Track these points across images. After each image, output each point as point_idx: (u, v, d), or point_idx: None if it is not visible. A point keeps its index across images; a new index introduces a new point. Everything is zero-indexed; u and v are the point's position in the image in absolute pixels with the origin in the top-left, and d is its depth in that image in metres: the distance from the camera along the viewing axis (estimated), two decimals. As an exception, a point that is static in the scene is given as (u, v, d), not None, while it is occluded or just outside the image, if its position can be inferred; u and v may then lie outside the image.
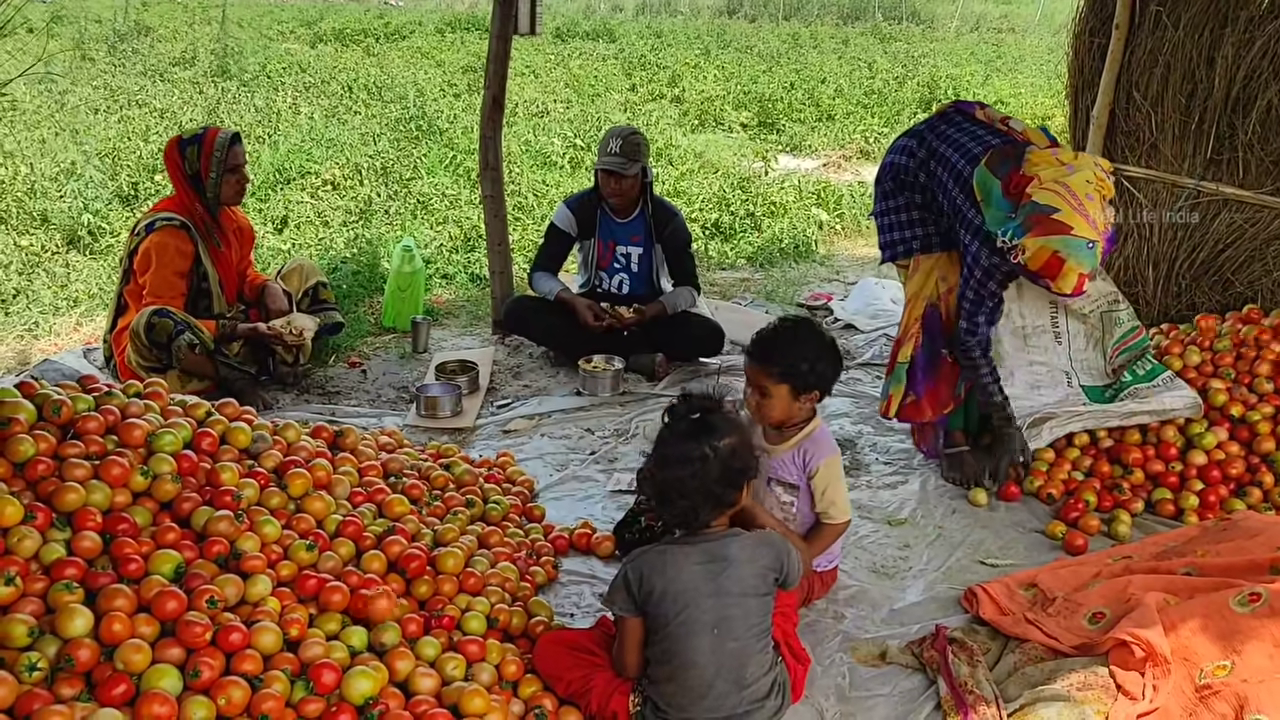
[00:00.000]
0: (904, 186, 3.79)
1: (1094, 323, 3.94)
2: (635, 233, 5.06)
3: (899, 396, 3.85)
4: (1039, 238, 3.06)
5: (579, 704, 2.56)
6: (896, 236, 3.86)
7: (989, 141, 3.48)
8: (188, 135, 4.40)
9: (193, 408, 3.02)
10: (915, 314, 3.81)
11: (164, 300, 4.26)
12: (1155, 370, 3.93)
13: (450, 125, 9.44)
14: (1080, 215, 3.05)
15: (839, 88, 13.73)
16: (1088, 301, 3.93)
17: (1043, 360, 3.91)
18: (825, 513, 2.93)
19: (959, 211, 3.48)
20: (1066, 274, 3.07)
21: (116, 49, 16.35)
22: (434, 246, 6.54)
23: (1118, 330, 3.92)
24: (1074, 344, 3.92)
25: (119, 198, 7.25)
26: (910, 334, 3.81)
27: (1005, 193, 3.22)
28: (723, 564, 2.42)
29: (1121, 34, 5.00)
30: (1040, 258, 3.07)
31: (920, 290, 3.82)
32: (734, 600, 2.40)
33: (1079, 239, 3.04)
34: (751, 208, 7.57)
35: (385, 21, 22.49)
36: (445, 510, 3.31)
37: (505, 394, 4.75)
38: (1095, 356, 3.94)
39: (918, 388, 3.81)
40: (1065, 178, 3.12)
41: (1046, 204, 3.07)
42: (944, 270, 3.78)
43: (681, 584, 2.40)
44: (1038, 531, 3.54)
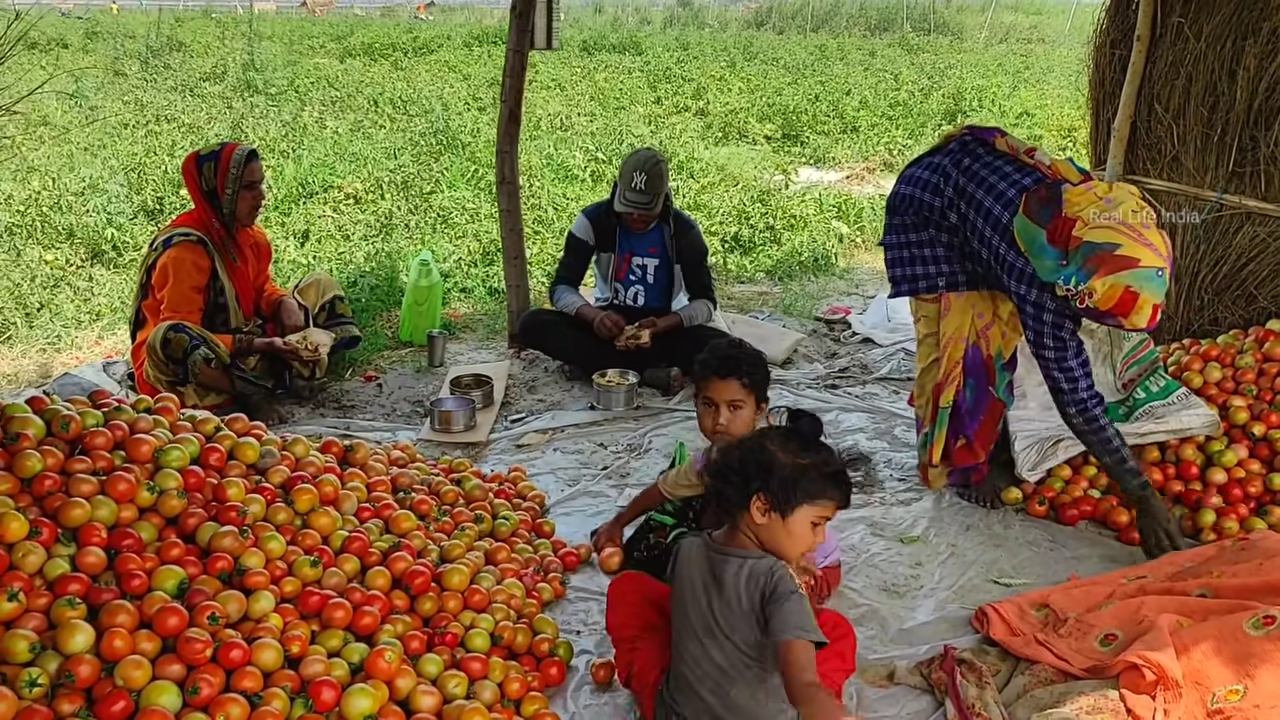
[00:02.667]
0: (928, 223, 3.55)
1: (1101, 337, 3.88)
2: (652, 244, 5.05)
3: (942, 442, 3.72)
4: (1107, 276, 2.89)
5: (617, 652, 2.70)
6: (919, 271, 3.64)
7: (1020, 182, 3.28)
8: (205, 151, 4.43)
9: (201, 423, 3.04)
10: (955, 355, 3.63)
11: (181, 315, 4.29)
12: (1170, 387, 3.87)
13: (473, 139, 9.49)
14: (1143, 245, 2.90)
15: (864, 99, 13.69)
16: None
17: None
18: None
19: (1004, 261, 3.27)
20: (1141, 308, 2.91)
21: (149, 64, 16.58)
22: (453, 260, 6.56)
23: (1126, 344, 3.86)
24: None
25: (144, 212, 7.34)
26: (952, 377, 3.64)
27: (1051, 240, 3.06)
28: (719, 576, 2.37)
29: (1143, 46, 4.95)
30: (1112, 296, 2.90)
31: (958, 330, 3.61)
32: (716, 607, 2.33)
33: (1148, 269, 2.89)
34: (771, 220, 7.54)
35: (414, 36, 22.69)
36: (453, 526, 3.31)
37: (520, 408, 4.75)
38: (1105, 372, 3.88)
39: (968, 430, 3.68)
40: (1112, 211, 2.98)
41: (1105, 241, 2.92)
42: (979, 307, 3.61)
43: (685, 578, 2.40)
44: (1052, 550, 3.49)
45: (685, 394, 4.84)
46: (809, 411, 2.50)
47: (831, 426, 4.51)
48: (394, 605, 2.76)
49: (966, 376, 3.64)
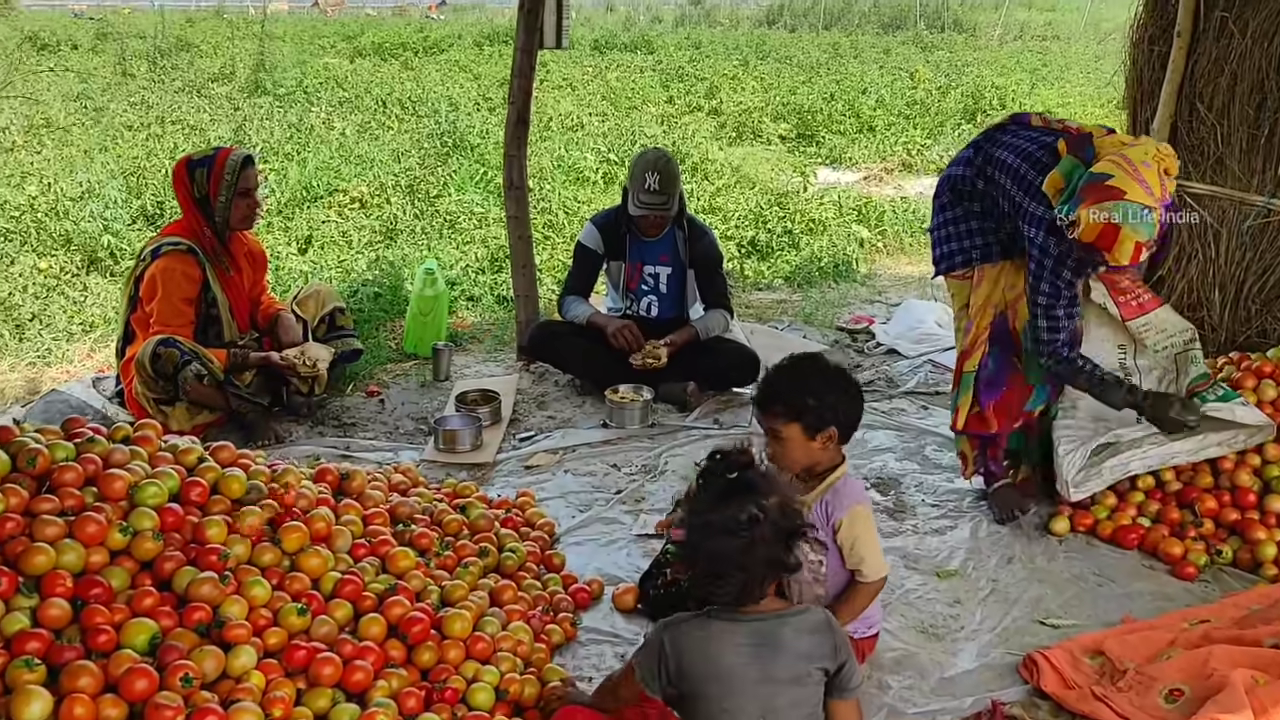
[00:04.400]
0: (961, 196, 3.61)
1: (1167, 363, 3.64)
2: (664, 252, 4.82)
3: (966, 408, 3.64)
4: (1092, 206, 2.92)
5: None
6: (955, 247, 3.65)
7: (1044, 139, 3.35)
8: (198, 156, 4.22)
9: (184, 453, 2.81)
10: (983, 323, 3.61)
11: (171, 329, 4.07)
12: (1229, 395, 3.61)
13: (482, 140, 9.25)
14: (1135, 180, 2.91)
15: (880, 98, 13.41)
16: (1163, 337, 3.65)
17: None
18: (857, 570, 2.64)
19: (1019, 206, 3.31)
20: (1122, 242, 2.91)
21: (157, 65, 16.40)
22: (460, 267, 6.33)
23: (1194, 370, 3.61)
24: (1145, 383, 3.61)
25: (144, 216, 7.13)
26: (979, 343, 3.61)
27: None
28: (773, 649, 2.13)
29: (1184, 42, 4.68)
30: (1093, 228, 2.93)
31: (988, 299, 3.60)
32: (783, 688, 2.13)
33: (1134, 204, 2.89)
34: (789, 225, 7.29)
35: (424, 35, 22.47)
36: (456, 561, 3.07)
37: (528, 425, 4.52)
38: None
39: (982, 398, 3.62)
40: (1124, 149, 3.04)
41: (1100, 172, 2.96)
42: (1010, 279, 3.58)
43: (726, 668, 2.12)
44: (1101, 586, 3.24)
45: (702, 411, 4.61)
46: (729, 451, 2.26)
47: (858, 446, 4.26)
48: (389, 657, 2.52)
49: (991, 345, 3.60)
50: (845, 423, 2.64)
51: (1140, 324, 3.70)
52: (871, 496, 3.83)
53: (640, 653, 2.28)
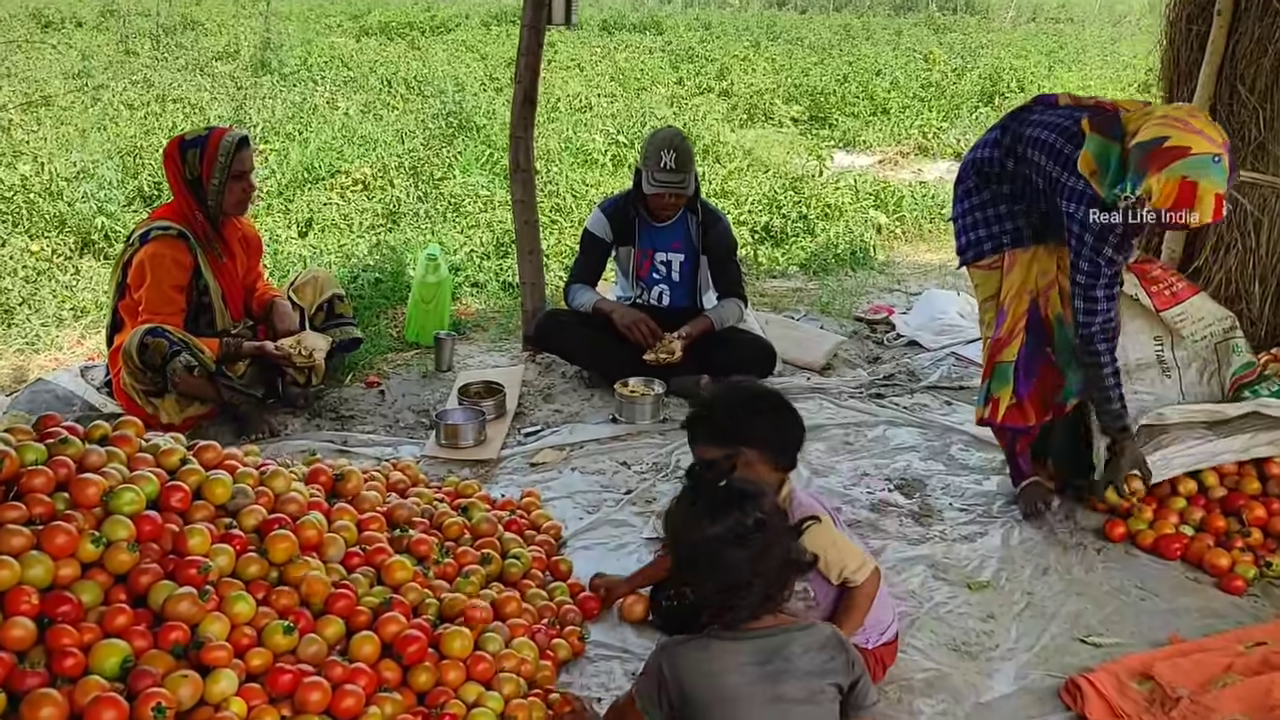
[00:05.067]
0: (989, 179, 3.41)
1: (1208, 355, 3.45)
2: (676, 238, 4.61)
3: (1006, 399, 3.46)
4: (1160, 172, 2.76)
5: None
6: (983, 234, 3.45)
7: (1075, 114, 3.19)
8: (190, 136, 4.01)
9: (165, 454, 2.62)
10: (1020, 310, 3.42)
11: (161, 317, 3.88)
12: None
13: (488, 121, 9.02)
14: (1192, 133, 2.80)
15: (894, 80, 13.15)
16: (1200, 327, 3.46)
17: (1149, 392, 3.46)
18: (845, 579, 2.44)
19: (1055, 182, 3.13)
20: (1202, 197, 2.75)
21: (160, 43, 16.18)
22: (464, 252, 6.12)
23: (1236, 360, 3.43)
24: (1185, 377, 3.44)
25: (140, 197, 6.93)
26: (1016, 331, 3.42)
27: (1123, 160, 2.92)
28: (781, 664, 1.98)
29: (1224, 20, 4.45)
30: (1169, 192, 2.77)
31: (1022, 284, 3.40)
32: (796, 708, 1.96)
33: (1202, 155, 2.76)
34: (804, 210, 7.06)
35: (431, 14, 22.20)
36: (457, 569, 2.88)
37: (534, 419, 4.33)
38: (1213, 389, 3.47)
39: (1020, 389, 3.45)
40: (1162, 111, 2.95)
41: (1152, 137, 2.82)
42: (1043, 264, 3.39)
43: (731, 689, 1.97)
44: (1144, 600, 3.04)
45: (716, 405, 4.40)
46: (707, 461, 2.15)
47: (879, 444, 4.07)
48: (383, 679, 2.34)
49: (1027, 334, 3.43)
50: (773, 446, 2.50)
51: (1175, 314, 3.54)
52: (896, 499, 3.65)
53: (640, 679, 2.15)
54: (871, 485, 3.73)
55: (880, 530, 3.43)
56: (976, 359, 4.17)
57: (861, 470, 3.85)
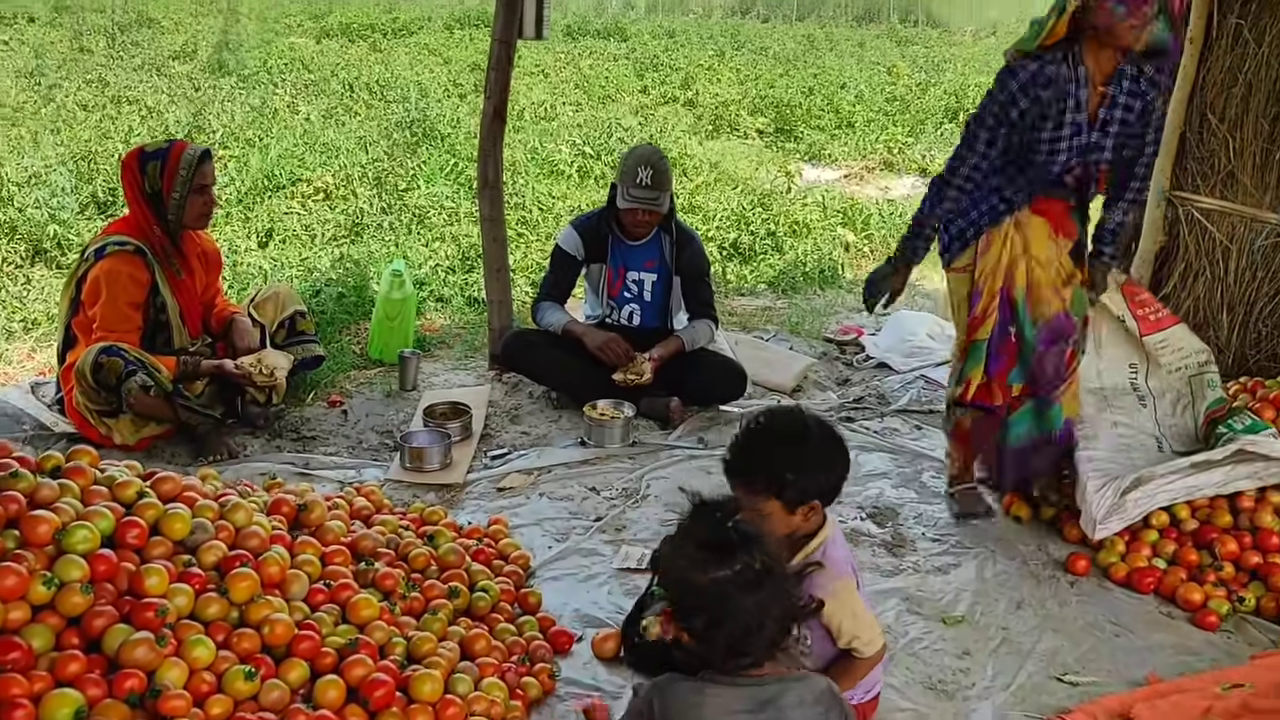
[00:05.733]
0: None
1: (1182, 386, 3.46)
2: (649, 257, 4.54)
3: (977, 379, 3.47)
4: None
5: None
6: (963, 224, 3.43)
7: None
8: (150, 149, 3.90)
9: (120, 487, 2.52)
10: (994, 287, 3.39)
11: (116, 335, 3.76)
12: (1257, 425, 3.44)
13: (453, 130, 8.92)
14: None
15: (859, 94, 13.19)
16: (1178, 357, 3.47)
17: (1127, 422, 3.47)
18: (852, 647, 2.37)
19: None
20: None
21: (115, 41, 15.89)
22: (429, 266, 6.02)
23: (1210, 394, 3.43)
24: (1160, 407, 3.44)
25: (94, 203, 6.76)
26: (990, 310, 3.41)
27: None
28: (774, 714, 1.93)
29: (1195, 49, 4.49)
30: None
31: (998, 262, 3.37)
32: None
33: None
34: (773, 226, 7.03)
35: (394, 16, 22.00)
36: (424, 604, 2.81)
37: (501, 441, 4.24)
38: (1186, 421, 3.48)
39: (990, 368, 3.46)
40: None
41: None
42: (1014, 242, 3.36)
43: None
44: (1118, 636, 3.02)
45: (686, 428, 4.35)
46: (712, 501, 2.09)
47: (850, 470, 4.02)
48: (349, 726, 2.26)
49: (999, 311, 3.42)
50: (830, 491, 2.40)
51: (1157, 340, 3.58)
52: (868, 528, 3.61)
53: (627, 717, 2.09)
54: (844, 514, 3.69)
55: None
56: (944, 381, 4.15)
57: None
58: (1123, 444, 3.38)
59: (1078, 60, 3.13)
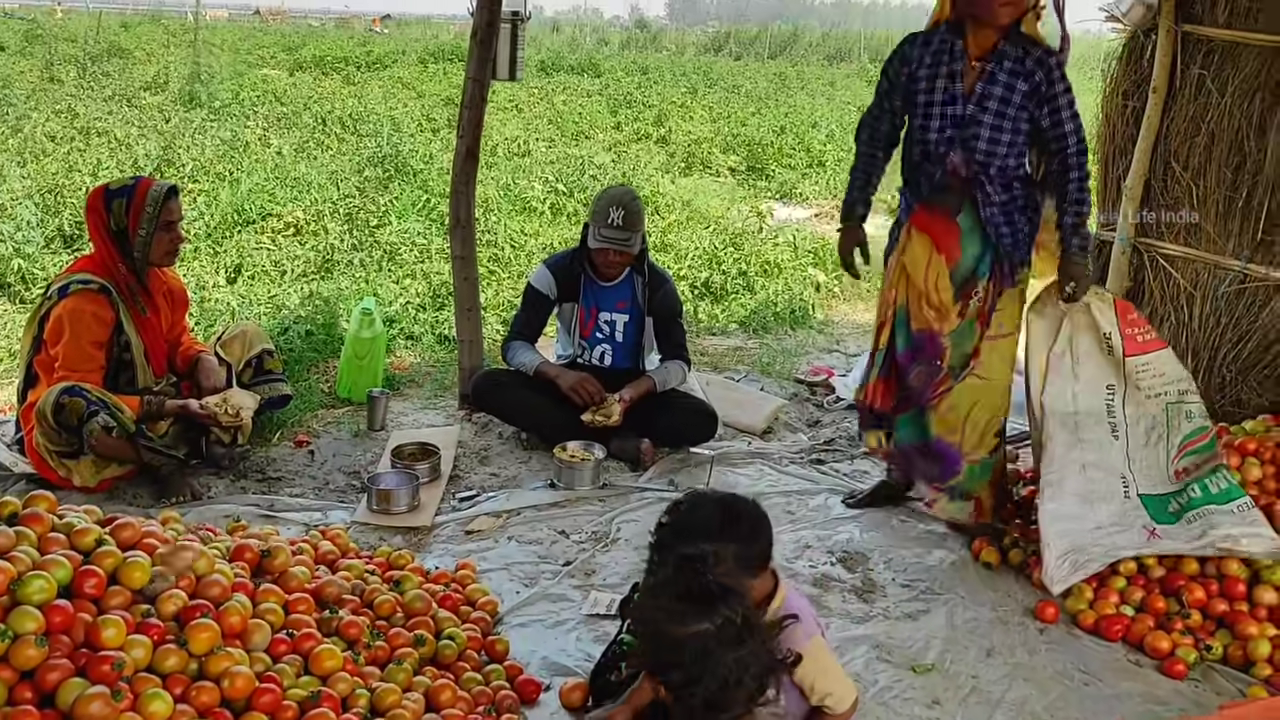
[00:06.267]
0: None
1: (1158, 414, 3.45)
2: (622, 298, 4.54)
3: (873, 378, 3.70)
4: None
5: None
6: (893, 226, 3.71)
7: None
8: (115, 186, 3.86)
9: (79, 534, 2.46)
10: (889, 297, 3.64)
11: (79, 375, 3.70)
12: (1233, 493, 3.36)
13: (425, 166, 8.92)
14: None
15: (830, 133, 13.34)
16: (1159, 382, 3.45)
17: (1095, 459, 3.41)
18: (825, 705, 2.36)
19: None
20: None
21: (86, 71, 15.83)
22: (399, 303, 5.99)
23: (1186, 425, 3.43)
24: (1133, 439, 3.41)
25: (61, 237, 6.70)
26: (885, 319, 3.65)
27: None
28: None
29: (1159, 98, 4.56)
30: None
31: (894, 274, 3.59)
32: None
33: None
34: (744, 266, 7.06)
35: (367, 50, 22.11)
36: (389, 653, 2.76)
37: (470, 483, 4.21)
38: (1158, 455, 3.43)
39: (883, 370, 3.68)
40: None
41: None
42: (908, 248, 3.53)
43: None
44: (1088, 685, 3.01)
45: (657, 470, 4.33)
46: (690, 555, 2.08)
47: (821, 514, 4.03)
48: (309, 783, 2.21)
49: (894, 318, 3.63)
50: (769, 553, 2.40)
51: (1141, 362, 3.51)
52: (838, 573, 3.59)
53: None
54: (814, 558, 3.68)
55: (823, 607, 3.37)
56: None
57: (804, 542, 3.79)
58: (1088, 491, 3.35)
59: (958, 36, 3.36)
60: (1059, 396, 3.48)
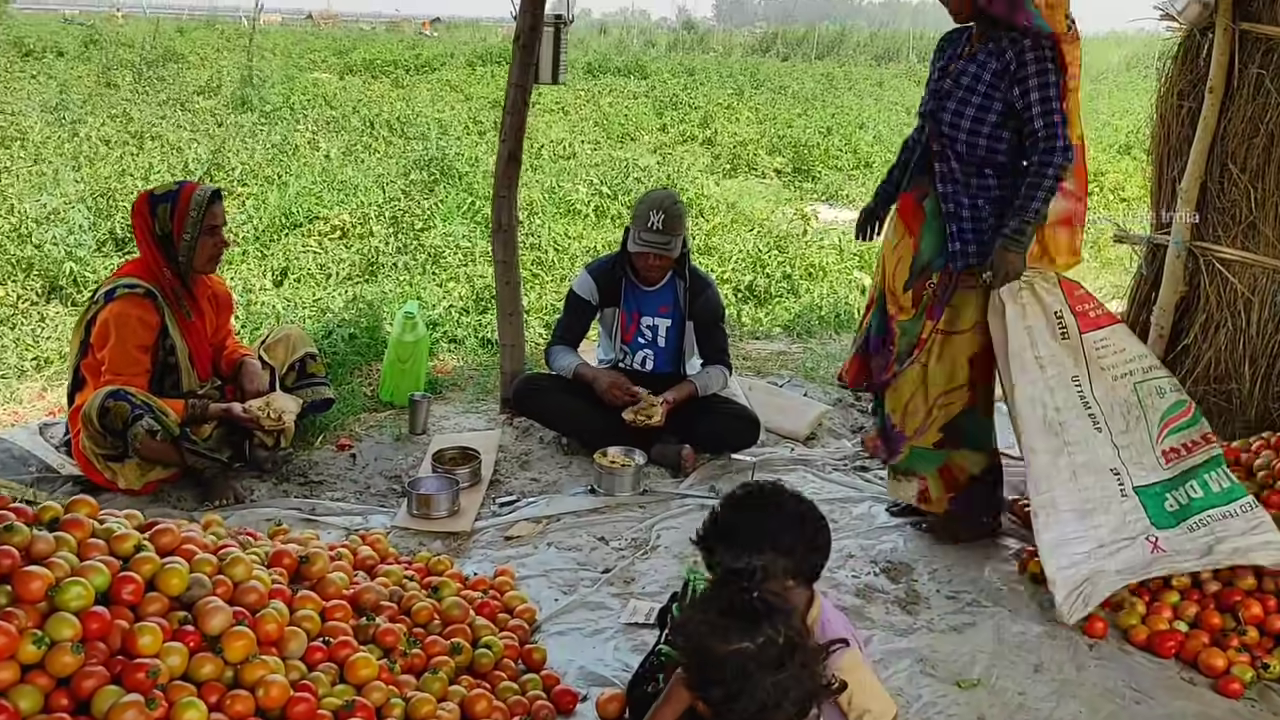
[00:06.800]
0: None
1: (1127, 394, 3.32)
2: (664, 303, 4.51)
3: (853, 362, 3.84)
4: None
5: None
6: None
7: None
8: (160, 192, 3.90)
9: (118, 540, 2.47)
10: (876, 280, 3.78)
11: (124, 378, 3.74)
12: (1235, 492, 3.27)
13: (471, 169, 8.95)
14: None
15: (878, 134, 13.20)
16: (1119, 360, 3.34)
17: (1085, 460, 3.27)
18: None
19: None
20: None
21: (142, 76, 16.09)
22: (443, 307, 6.01)
23: (1161, 403, 3.32)
24: (1113, 424, 3.29)
25: (113, 240, 6.80)
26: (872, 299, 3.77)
27: None
28: None
29: (1216, 99, 4.45)
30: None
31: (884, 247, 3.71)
32: None
33: None
34: (789, 269, 6.99)
35: (416, 53, 22.26)
36: (425, 661, 2.75)
37: (510, 488, 4.20)
38: (1141, 437, 3.31)
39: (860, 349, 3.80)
40: None
41: None
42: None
43: None
44: (1139, 703, 2.93)
45: (697, 476, 4.29)
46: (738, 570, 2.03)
47: (864, 522, 3.96)
48: (342, 794, 2.20)
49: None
50: (811, 571, 2.28)
51: (1098, 338, 3.38)
52: (881, 584, 3.53)
53: None
54: (857, 568, 3.62)
55: (866, 618, 3.31)
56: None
57: (847, 551, 3.73)
58: (1084, 501, 3.22)
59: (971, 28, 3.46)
60: (1032, 400, 3.31)
